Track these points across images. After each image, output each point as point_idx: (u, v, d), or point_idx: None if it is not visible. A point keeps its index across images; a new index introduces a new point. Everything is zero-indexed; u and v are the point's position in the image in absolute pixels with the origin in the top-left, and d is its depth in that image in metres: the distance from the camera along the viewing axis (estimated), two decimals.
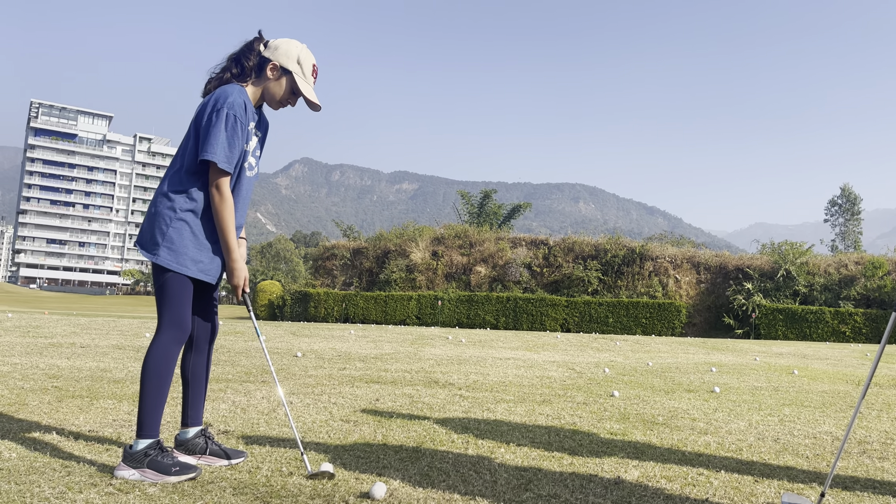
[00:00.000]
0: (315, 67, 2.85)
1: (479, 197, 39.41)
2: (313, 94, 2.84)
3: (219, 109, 2.64)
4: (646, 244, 28.04)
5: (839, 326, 23.06)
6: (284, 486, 2.56)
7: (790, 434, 4.07)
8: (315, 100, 2.84)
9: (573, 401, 5.11)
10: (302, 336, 10.93)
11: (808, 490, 2.84)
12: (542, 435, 3.74)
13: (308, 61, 2.82)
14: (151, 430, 2.63)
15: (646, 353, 10.76)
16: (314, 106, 2.87)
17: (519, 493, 2.60)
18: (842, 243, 64.34)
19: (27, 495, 2.29)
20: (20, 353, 6.80)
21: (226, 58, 2.84)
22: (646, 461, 3.20)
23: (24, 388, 4.60)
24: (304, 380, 5.70)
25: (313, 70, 2.84)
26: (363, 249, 30.64)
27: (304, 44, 2.83)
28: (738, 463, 3.27)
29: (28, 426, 3.36)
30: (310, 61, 2.82)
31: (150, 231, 2.69)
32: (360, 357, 7.94)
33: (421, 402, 4.72)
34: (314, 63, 2.85)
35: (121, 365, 6.20)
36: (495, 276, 28.11)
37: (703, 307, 26.16)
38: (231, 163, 2.68)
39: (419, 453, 3.17)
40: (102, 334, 9.49)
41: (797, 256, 25.82)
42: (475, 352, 9.48)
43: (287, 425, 3.69)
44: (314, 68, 2.84)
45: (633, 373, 7.49)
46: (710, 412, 4.80)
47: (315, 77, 2.86)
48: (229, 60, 2.82)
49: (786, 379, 7.42)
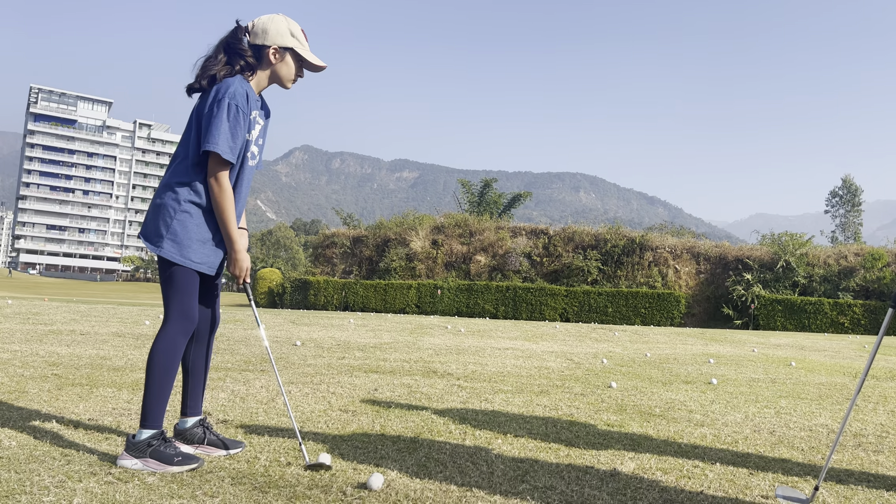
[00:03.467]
0: (303, 31, 2.86)
1: (479, 186, 39.37)
2: (315, 57, 2.86)
3: (220, 100, 2.61)
4: (646, 234, 28.04)
5: (838, 318, 23.11)
6: (282, 476, 2.58)
7: (786, 426, 4.09)
8: (320, 63, 2.87)
9: (571, 392, 5.14)
10: (301, 324, 10.95)
11: (802, 483, 2.86)
12: (539, 426, 3.76)
13: (297, 29, 2.82)
14: (155, 420, 2.64)
15: (644, 343, 10.79)
16: (319, 68, 2.88)
17: (515, 485, 2.62)
18: (842, 234, 64.35)
19: (27, 484, 2.31)
20: (20, 340, 6.82)
21: (213, 47, 2.75)
22: (642, 453, 3.22)
23: (23, 375, 4.62)
24: (304, 369, 5.72)
25: (303, 34, 2.85)
26: (363, 238, 30.65)
27: (280, 13, 2.83)
28: (734, 455, 3.29)
29: (28, 414, 3.38)
30: (298, 28, 2.83)
31: (154, 223, 2.69)
32: (359, 346, 7.96)
33: (419, 392, 4.74)
34: (301, 28, 2.86)
35: (120, 353, 6.22)
36: (495, 265, 28.14)
37: (702, 298, 26.20)
38: (234, 153, 2.66)
39: (417, 444, 3.19)
40: (102, 321, 9.51)
41: (797, 247, 25.84)
42: (474, 341, 9.50)
43: (286, 415, 3.71)
44: (303, 32, 2.86)
45: (631, 364, 7.52)
46: (707, 404, 4.82)
47: (307, 39, 2.88)
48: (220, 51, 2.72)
49: (783, 371, 7.44)
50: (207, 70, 2.69)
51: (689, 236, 30.55)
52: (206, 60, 2.72)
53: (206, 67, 2.70)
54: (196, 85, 2.70)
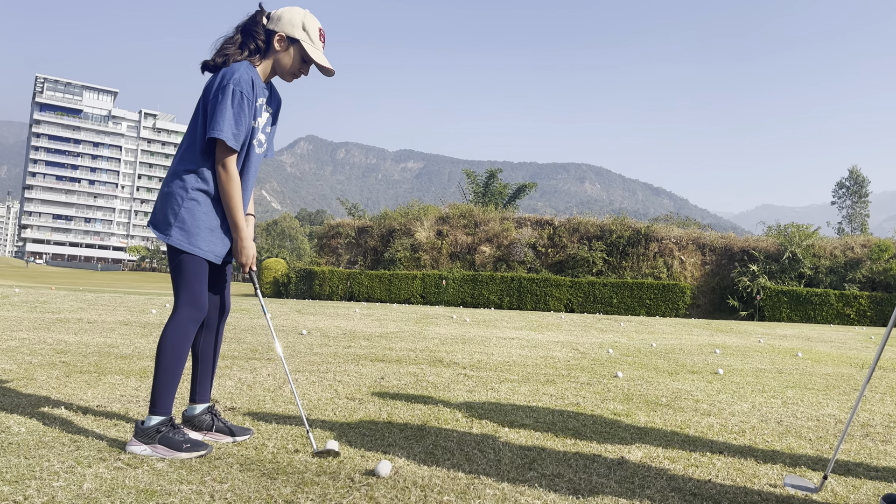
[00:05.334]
0: (321, 31, 2.78)
1: (484, 176, 39.25)
2: (324, 59, 2.78)
3: (224, 86, 2.60)
4: (651, 225, 27.93)
5: (844, 309, 23.03)
6: (290, 462, 2.59)
7: (793, 416, 4.09)
8: (327, 64, 2.78)
9: (577, 381, 5.14)
10: (307, 314, 10.97)
11: (810, 472, 2.86)
12: (545, 415, 3.76)
13: (313, 26, 2.75)
14: (164, 407, 2.65)
15: (650, 334, 10.77)
16: (327, 71, 2.79)
17: (523, 473, 2.62)
18: (848, 226, 64.11)
19: (37, 469, 2.32)
20: (28, 328, 6.85)
21: (233, 28, 2.78)
22: (649, 442, 3.22)
23: (32, 363, 4.65)
24: (310, 357, 5.73)
25: (320, 34, 2.77)
26: (368, 228, 30.64)
27: (306, 9, 2.78)
28: (741, 445, 3.28)
29: (37, 401, 3.39)
30: (315, 26, 2.76)
31: (162, 211, 2.68)
32: (364, 335, 7.98)
33: (426, 381, 4.75)
34: (320, 27, 2.78)
35: (127, 341, 6.25)
36: (500, 255, 28.10)
37: (707, 289, 26.13)
38: (238, 140, 2.65)
39: (424, 432, 3.19)
40: (109, 310, 9.54)
41: (803, 239, 25.71)
42: (479, 331, 9.51)
43: (293, 402, 3.72)
44: (321, 32, 2.78)
45: (637, 354, 7.51)
46: (714, 394, 4.82)
47: (323, 41, 2.80)
48: (239, 33, 2.75)
49: (789, 361, 7.43)
50: (223, 49, 2.72)
51: (695, 227, 30.39)
52: (224, 40, 2.75)
53: (223, 47, 2.73)
54: (211, 62, 2.71)
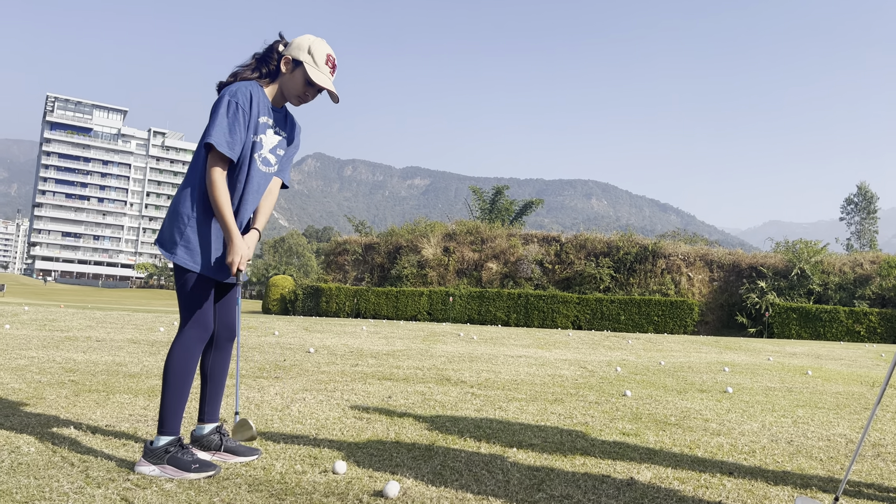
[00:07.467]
0: (330, 57, 2.80)
1: (490, 193, 39.33)
2: (327, 83, 2.78)
3: (221, 98, 2.69)
4: (658, 242, 27.90)
5: (854, 326, 22.86)
6: (299, 483, 2.58)
7: (804, 436, 4.05)
8: (330, 87, 2.79)
9: (585, 400, 5.11)
10: (314, 331, 10.98)
11: (821, 494, 2.83)
12: (554, 434, 3.74)
13: (320, 51, 2.77)
14: (172, 427, 2.66)
15: (658, 351, 10.72)
16: (331, 95, 2.82)
17: (531, 494, 2.61)
18: (857, 242, 63.75)
19: (46, 490, 2.32)
20: (37, 346, 6.88)
21: (251, 56, 2.87)
22: (658, 462, 3.20)
23: (41, 381, 4.66)
24: (317, 376, 5.73)
25: (327, 59, 2.79)
26: (375, 245, 30.70)
27: (322, 38, 2.82)
28: (752, 465, 3.26)
29: (46, 420, 3.41)
30: (322, 51, 2.78)
31: (169, 230, 2.71)
32: (372, 353, 7.97)
33: (433, 400, 4.74)
34: (329, 53, 2.80)
35: (136, 359, 6.26)
36: (507, 272, 28.08)
37: (715, 305, 26.01)
38: (233, 148, 2.67)
39: (432, 452, 3.18)
40: (117, 328, 9.57)
41: (812, 255, 25.60)
42: (486, 349, 9.49)
43: (301, 422, 3.72)
44: (328, 58, 2.79)
45: (646, 372, 7.47)
46: (723, 413, 4.78)
47: (332, 68, 2.81)
48: (254, 59, 2.85)
49: (799, 379, 7.37)
50: (236, 71, 2.84)
51: (702, 243, 30.33)
52: (240, 64, 2.87)
53: (237, 69, 2.85)
54: (224, 82, 2.81)
